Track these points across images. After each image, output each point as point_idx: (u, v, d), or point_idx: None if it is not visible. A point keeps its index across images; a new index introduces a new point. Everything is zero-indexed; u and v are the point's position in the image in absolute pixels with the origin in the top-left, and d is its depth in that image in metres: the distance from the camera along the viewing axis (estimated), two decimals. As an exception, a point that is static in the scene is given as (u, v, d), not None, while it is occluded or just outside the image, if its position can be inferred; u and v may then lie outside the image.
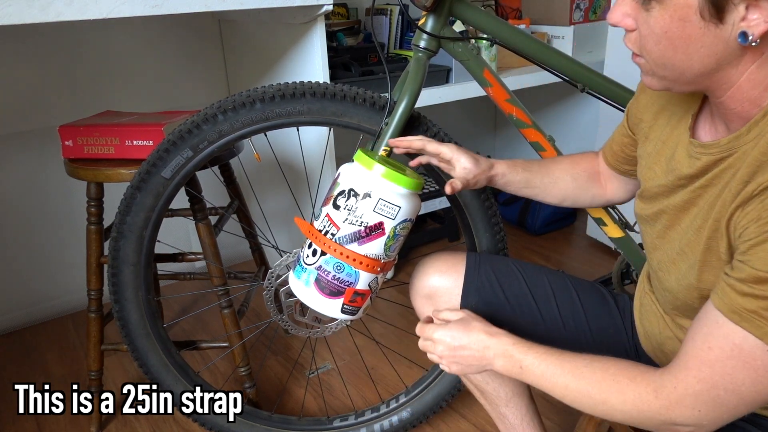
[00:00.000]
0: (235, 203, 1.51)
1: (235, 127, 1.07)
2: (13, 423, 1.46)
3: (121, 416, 1.48)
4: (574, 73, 1.15)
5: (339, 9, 2.05)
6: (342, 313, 0.95)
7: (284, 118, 1.08)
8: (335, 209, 0.91)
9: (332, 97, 1.09)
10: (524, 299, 0.98)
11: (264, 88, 1.08)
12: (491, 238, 1.21)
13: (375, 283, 0.96)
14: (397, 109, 1.08)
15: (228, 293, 1.33)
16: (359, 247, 0.91)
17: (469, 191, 1.16)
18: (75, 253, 1.89)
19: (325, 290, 0.94)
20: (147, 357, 1.22)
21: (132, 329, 1.20)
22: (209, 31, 1.95)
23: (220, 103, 1.07)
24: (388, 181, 0.89)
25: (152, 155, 1.09)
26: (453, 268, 1.01)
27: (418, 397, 1.33)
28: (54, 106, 1.75)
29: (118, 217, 1.12)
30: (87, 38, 1.76)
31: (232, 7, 1.26)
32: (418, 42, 1.09)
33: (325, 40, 1.48)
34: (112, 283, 1.16)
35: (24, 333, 1.85)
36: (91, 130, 1.23)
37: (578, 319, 0.98)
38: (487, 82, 1.13)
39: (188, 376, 1.26)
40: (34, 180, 1.79)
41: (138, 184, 1.10)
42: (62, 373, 1.65)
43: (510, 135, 2.80)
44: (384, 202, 0.89)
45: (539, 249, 2.30)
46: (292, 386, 1.57)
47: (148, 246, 1.15)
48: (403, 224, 0.92)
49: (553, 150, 1.17)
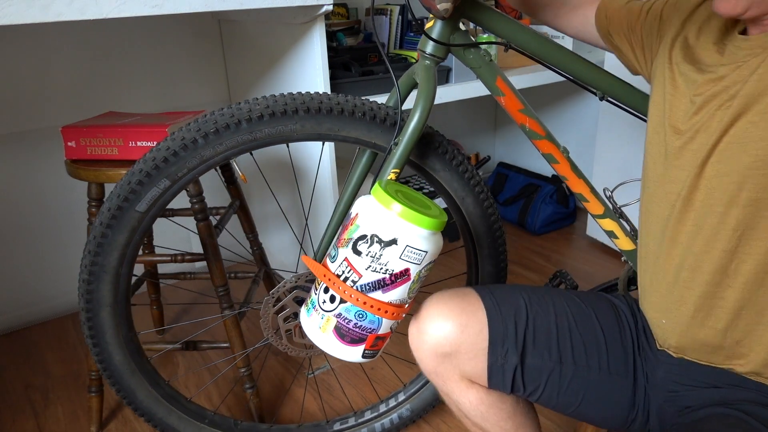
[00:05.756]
0: (236, 203, 1.51)
1: (218, 151, 0.96)
2: (13, 423, 1.46)
3: (121, 416, 1.48)
4: (594, 79, 1.09)
5: (339, 9, 2.05)
6: (363, 358, 0.90)
7: (274, 137, 0.98)
8: (356, 254, 0.84)
9: (328, 113, 0.99)
10: (547, 335, 0.90)
11: (249, 105, 0.96)
12: (495, 267, 1.20)
13: (396, 324, 0.91)
14: (408, 127, 0.98)
15: (228, 294, 1.33)
16: (383, 295, 0.85)
17: (482, 224, 1.15)
18: (75, 253, 1.89)
19: (345, 338, 0.88)
20: (135, 395, 1.16)
21: (116, 370, 1.12)
22: (209, 31, 1.95)
23: (199, 124, 0.95)
24: (413, 224, 0.82)
25: (122, 188, 0.97)
26: (473, 316, 0.88)
27: (417, 394, 1.33)
28: (54, 106, 1.75)
29: (89, 258, 1.01)
30: (87, 38, 1.75)
31: (232, 7, 1.25)
32: (424, 48, 1.00)
33: (325, 40, 1.48)
34: (89, 327, 1.07)
35: (24, 333, 1.85)
36: (94, 131, 1.23)
37: (600, 343, 0.92)
38: (500, 91, 1.06)
39: (180, 404, 1.21)
40: (35, 180, 1.79)
41: (109, 222, 0.99)
42: (62, 373, 1.65)
43: (510, 135, 2.80)
44: (411, 248, 0.82)
45: (539, 249, 2.30)
46: (292, 387, 1.57)
47: (125, 284, 1.06)
48: (428, 266, 0.86)
49: (567, 162, 1.12)
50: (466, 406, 0.92)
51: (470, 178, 1.14)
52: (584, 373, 0.88)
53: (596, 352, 0.89)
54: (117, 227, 0.99)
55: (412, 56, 1.88)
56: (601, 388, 0.89)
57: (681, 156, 0.80)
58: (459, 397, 0.92)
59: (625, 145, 2.03)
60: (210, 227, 1.29)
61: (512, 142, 2.79)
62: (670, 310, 0.84)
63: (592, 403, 0.90)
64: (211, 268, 1.30)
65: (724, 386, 0.82)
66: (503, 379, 0.88)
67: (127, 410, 1.49)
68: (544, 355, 0.88)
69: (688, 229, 0.80)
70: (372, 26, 1.87)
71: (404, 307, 0.88)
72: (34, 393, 1.57)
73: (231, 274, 1.49)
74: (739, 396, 0.80)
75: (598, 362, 0.89)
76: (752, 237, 0.74)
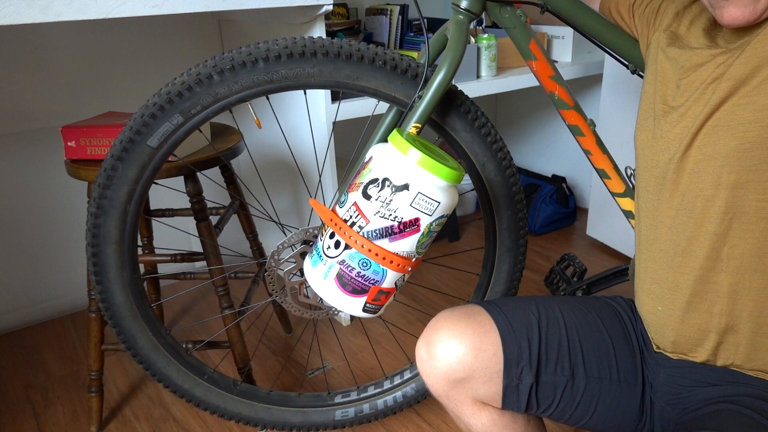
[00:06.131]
0: (236, 203, 1.51)
1: (233, 89, 0.94)
2: (13, 423, 1.46)
3: (121, 416, 1.48)
4: (627, 51, 1.07)
5: (339, 9, 2.05)
6: (363, 312, 0.87)
7: (291, 80, 0.95)
8: (365, 199, 0.80)
9: (347, 58, 0.95)
10: (559, 350, 0.88)
11: (268, 45, 0.94)
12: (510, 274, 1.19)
13: (401, 280, 0.87)
14: (434, 80, 0.95)
15: (228, 293, 1.33)
16: (390, 244, 0.82)
17: (508, 232, 1.14)
18: (75, 253, 1.89)
19: (347, 287, 0.85)
20: (135, 340, 1.13)
21: (117, 311, 1.10)
22: (209, 31, 1.95)
23: (216, 60, 0.93)
24: (429, 172, 0.78)
25: (135, 121, 0.96)
26: (486, 338, 0.84)
27: None
28: (54, 106, 1.75)
29: (98, 191, 1.00)
30: (87, 38, 1.75)
31: (232, 7, 1.25)
32: (458, 1, 0.97)
33: (325, 40, 1.48)
34: (93, 263, 1.05)
35: (24, 333, 1.85)
36: (94, 131, 1.23)
37: (609, 351, 0.91)
38: (533, 55, 1.04)
39: (180, 356, 1.19)
40: (35, 180, 1.79)
41: (120, 154, 0.97)
42: (62, 373, 1.65)
43: (510, 135, 2.80)
44: (423, 196, 0.79)
45: (539, 249, 2.30)
46: (292, 386, 1.57)
47: (132, 222, 1.04)
48: (439, 220, 0.82)
49: (593, 135, 1.10)
50: (478, 428, 0.91)
51: (493, 142, 1.09)
52: (596, 384, 0.88)
53: (606, 361, 0.89)
54: (127, 161, 0.98)
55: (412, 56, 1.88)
56: (612, 397, 0.88)
57: (668, 139, 0.80)
58: (471, 419, 0.90)
59: (628, 141, 2.02)
60: (210, 227, 1.29)
61: (512, 142, 2.79)
62: (665, 295, 0.84)
63: (603, 414, 0.89)
64: (211, 268, 1.30)
65: (724, 384, 0.82)
66: (518, 400, 0.87)
67: (127, 410, 1.49)
68: (557, 371, 0.86)
69: (676, 213, 0.80)
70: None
71: (411, 260, 0.84)
72: (34, 393, 1.57)
73: (231, 274, 1.49)
74: (739, 391, 0.80)
75: (609, 372, 0.88)
76: (743, 220, 0.74)
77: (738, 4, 0.71)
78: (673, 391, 0.86)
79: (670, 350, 0.86)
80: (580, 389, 0.87)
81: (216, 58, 0.94)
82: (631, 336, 0.92)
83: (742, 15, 0.71)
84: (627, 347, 0.90)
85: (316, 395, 1.31)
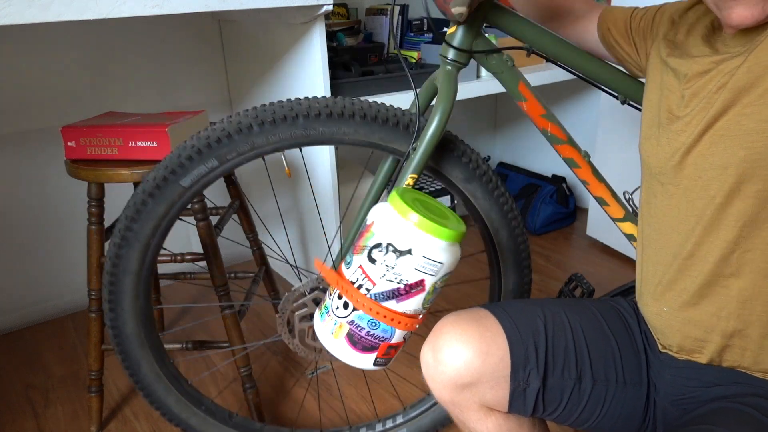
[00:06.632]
0: (236, 203, 1.51)
1: (270, 141, 0.98)
2: (13, 423, 1.46)
3: (121, 416, 1.48)
4: (615, 83, 1.08)
5: (339, 9, 2.05)
6: (374, 366, 0.89)
7: (326, 136, 0.99)
8: (370, 263, 0.82)
9: (384, 123, 1.00)
10: (565, 353, 0.88)
11: (309, 102, 0.99)
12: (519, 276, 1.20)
13: (409, 334, 0.89)
14: (426, 131, 0.98)
15: (228, 294, 1.33)
16: (397, 305, 0.83)
17: (507, 236, 1.15)
18: (75, 253, 1.89)
19: (357, 345, 0.87)
20: (139, 367, 1.16)
21: (126, 339, 1.13)
22: (209, 31, 1.95)
23: (257, 112, 0.97)
24: (431, 235, 0.80)
25: (172, 160, 0.99)
26: (492, 342, 0.84)
27: (416, 419, 1.30)
28: (54, 106, 1.75)
29: (124, 223, 1.03)
30: (87, 38, 1.75)
31: (232, 7, 1.25)
32: (446, 54, 1.00)
33: (325, 40, 1.48)
34: (110, 291, 1.08)
35: (24, 333, 1.85)
36: (94, 131, 1.23)
37: (615, 353, 0.90)
38: (522, 97, 1.06)
39: (181, 386, 1.22)
40: (35, 180, 1.79)
41: (152, 191, 1.00)
42: (62, 373, 1.65)
43: (510, 135, 2.80)
44: (426, 259, 0.80)
45: (539, 249, 2.30)
46: (292, 386, 1.57)
47: (152, 255, 1.07)
48: (444, 278, 0.84)
49: (588, 166, 1.12)
50: None
51: (495, 188, 1.12)
52: (602, 387, 0.87)
53: (612, 363, 0.88)
54: (158, 197, 1.00)
55: (412, 56, 1.88)
56: (618, 399, 0.88)
57: (674, 147, 0.80)
58: (476, 425, 0.90)
59: (626, 148, 2.02)
60: (210, 227, 1.29)
61: (512, 142, 2.79)
62: (671, 298, 0.83)
63: (609, 416, 0.89)
64: (211, 268, 1.30)
65: (729, 384, 0.82)
66: (525, 404, 0.86)
67: (127, 410, 1.49)
68: (564, 375, 0.86)
69: (685, 219, 0.80)
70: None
71: (418, 317, 0.86)
72: (34, 393, 1.57)
73: (231, 274, 1.49)
74: (744, 391, 0.80)
75: (615, 374, 0.88)
76: (753, 227, 0.73)
77: (747, 3, 0.69)
78: (679, 391, 0.86)
79: (675, 350, 0.86)
80: (586, 392, 0.87)
81: (257, 109, 0.98)
82: (635, 337, 0.92)
83: (751, 14, 0.70)
84: (631, 348, 0.90)
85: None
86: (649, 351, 0.91)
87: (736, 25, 0.72)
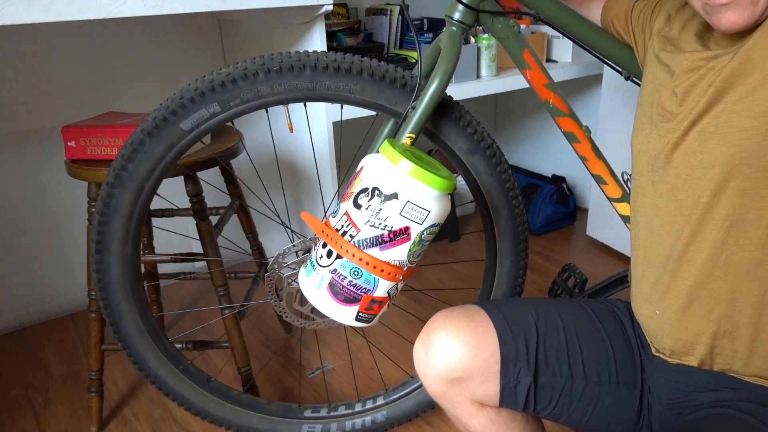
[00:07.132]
0: (236, 203, 1.51)
1: (275, 90, 0.96)
2: (13, 423, 1.46)
3: (121, 416, 1.48)
4: (620, 58, 1.07)
5: (339, 9, 2.05)
6: (356, 321, 0.88)
7: (332, 92, 0.97)
8: (356, 208, 0.82)
9: (391, 83, 0.98)
10: (557, 351, 0.88)
11: (317, 55, 0.97)
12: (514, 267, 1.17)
13: (394, 289, 0.88)
14: (426, 91, 0.97)
15: (228, 294, 1.33)
16: (381, 253, 0.82)
17: (506, 215, 1.13)
18: (75, 253, 1.89)
19: (339, 296, 0.86)
20: (120, 317, 1.12)
21: (109, 286, 1.09)
22: (209, 31, 1.95)
23: (264, 60, 0.95)
24: (418, 181, 0.79)
25: (173, 101, 0.97)
26: (483, 338, 0.84)
27: (397, 402, 1.28)
28: (54, 106, 1.75)
29: (119, 162, 1.00)
30: (87, 38, 1.76)
31: (232, 7, 1.25)
32: (452, 13, 0.98)
33: (325, 40, 1.48)
34: (98, 232, 1.04)
35: (24, 333, 1.85)
36: (94, 131, 1.23)
37: (609, 354, 0.90)
38: (526, 64, 1.05)
39: (161, 343, 1.19)
40: (35, 180, 1.79)
41: (150, 130, 0.97)
42: (62, 373, 1.65)
43: (510, 135, 2.80)
44: (412, 205, 0.79)
45: (539, 249, 2.30)
46: (292, 386, 1.57)
47: (145, 199, 1.04)
48: (430, 229, 0.83)
49: (588, 141, 1.11)
50: (476, 429, 0.91)
51: (498, 164, 1.10)
52: (595, 387, 0.88)
53: (606, 364, 0.88)
54: (157, 138, 0.98)
55: (412, 56, 1.88)
56: (611, 400, 0.88)
57: (664, 144, 0.80)
58: (468, 419, 0.90)
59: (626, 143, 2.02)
60: (210, 227, 1.29)
61: (512, 142, 2.79)
62: (662, 300, 0.83)
63: (601, 417, 0.89)
64: (211, 268, 1.30)
65: (721, 389, 0.82)
66: (515, 400, 0.87)
67: (127, 410, 1.50)
68: (555, 373, 0.87)
69: (674, 218, 0.80)
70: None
71: (403, 269, 0.85)
72: (34, 393, 1.57)
73: (231, 274, 1.49)
74: (737, 396, 0.80)
75: (608, 375, 0.88)
76: (741, 228, 0.73)
77: (736, 8, 0.70)
78: (672, 395, 0.86)
79: (667, 354, 0.86)
80: (578, 391, 0.87)
81: (265, 57, 0.96)
82: (630, 339, 0.91)
83: (741, 19, 0.70)
84: (626, 350, 0.90)
85: (286, 406, 1.30)
86: (644, 354, 0.91)
87: (725, 30, 0.72)
